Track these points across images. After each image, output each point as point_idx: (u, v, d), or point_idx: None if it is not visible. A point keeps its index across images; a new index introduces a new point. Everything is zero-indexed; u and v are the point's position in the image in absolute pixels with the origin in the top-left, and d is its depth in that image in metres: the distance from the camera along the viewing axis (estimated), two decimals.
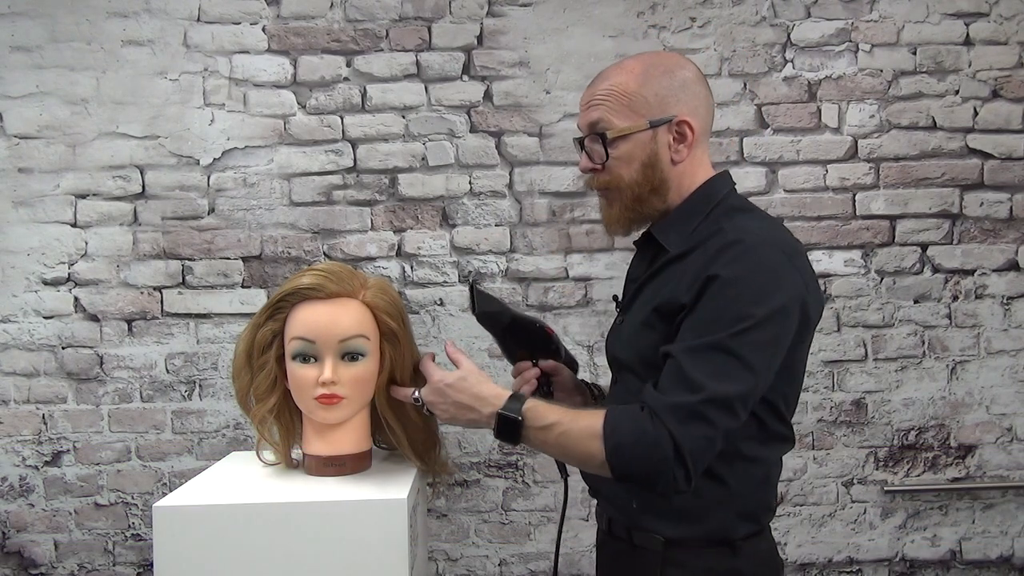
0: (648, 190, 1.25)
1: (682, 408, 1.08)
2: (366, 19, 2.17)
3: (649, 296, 1.25)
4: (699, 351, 1.10)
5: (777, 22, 2.19)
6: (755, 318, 1.10)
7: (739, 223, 1.21)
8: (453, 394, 1.25)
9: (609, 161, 1.26)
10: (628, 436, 1.10)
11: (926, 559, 2.20)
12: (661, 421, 1.08)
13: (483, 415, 1.22)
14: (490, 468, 2.19)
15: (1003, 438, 2.19)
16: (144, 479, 2.17)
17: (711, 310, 1.12)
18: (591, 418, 1.15)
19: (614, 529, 1.33)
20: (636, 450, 1.10)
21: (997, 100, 2.19)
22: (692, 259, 1.19)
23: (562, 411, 1.19)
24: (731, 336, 1.10)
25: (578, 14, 2.18)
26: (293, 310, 1.37)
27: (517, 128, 2.18)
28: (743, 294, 1.11)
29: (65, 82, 2.14)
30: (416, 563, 1.36)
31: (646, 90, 1.24)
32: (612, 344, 1.37)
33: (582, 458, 1.17)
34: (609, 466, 1.12)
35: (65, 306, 2.16)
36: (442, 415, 1.28)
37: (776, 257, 1.15)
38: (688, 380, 1.09)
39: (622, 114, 1.24)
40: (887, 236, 2.19)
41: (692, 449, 1.08)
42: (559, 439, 1.16)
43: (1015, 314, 2.19)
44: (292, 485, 1.38)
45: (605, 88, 1.25)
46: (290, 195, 2.18)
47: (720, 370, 1.09)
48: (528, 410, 1.18)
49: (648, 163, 1.25)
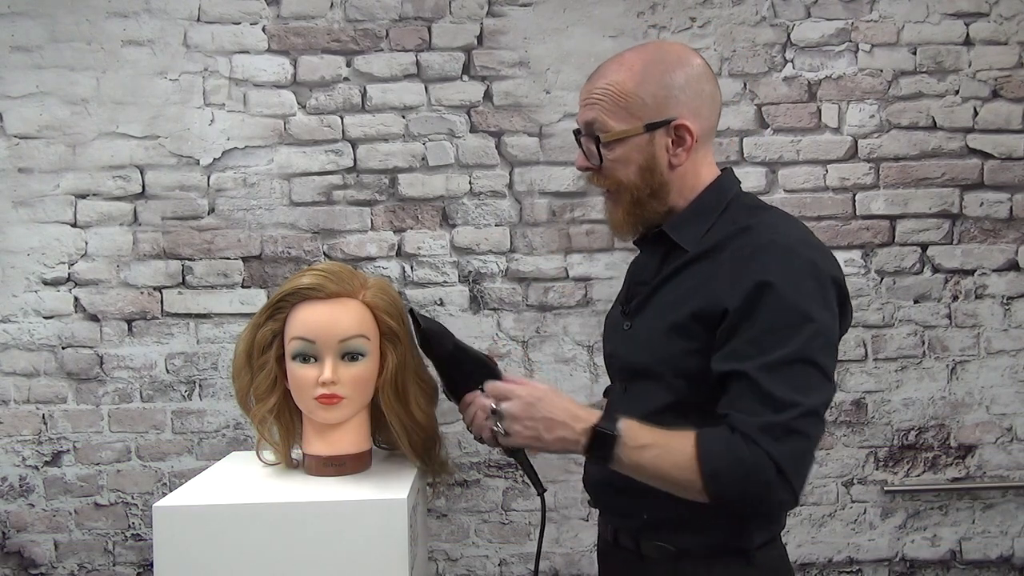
0: (647, 193, 1.22)
1: (776, 427, 1.05)
2: (366, 19, 2.17)
3: (670, 299, 1.21)
4: (777, 367, 1.07)
5: (777, 22, 2.19)
6: (817, 322, 1.09)
7: (765, 221, 1.18)
8: (544, 409, 1.15)
9: (605, 164, 1.22)
10: (725, 463, 1.07)
11: (926, 559, 2.20)
12: (756, 444, 1.05)
13: (576, 431, 1.13)
14: (490, 468, 2.19)
15: (1003, 438, 2.19)
16: (144, 479, 2.17)
17: (772, 320, 1.09)
18: (683, 442, 1.10)
19: (620, 539, 1.29)
20: (735, 476, 1.06)
21: (997, 100, 2.19)
22: (721, 260, 1.16)
23: (655, 432, 1.12)
24: (804, 346, 1.08)
25: (578, 14, 2.18)
26: (293, 310, 1.37)
27: (517, 128, 2.18)
28: (800, 299, 1.09)
29: (65, 82, 2.14)
30: (416, 563, 1.36)
31: (643, 91, 1.19)
32: (622, 350, 1.31)
33: (677, 483, 1.11)
34: (707, 493, 1.08)
35: (65, 306, 2.16)
36: (523, 432, 1.16)
37: (813, 255, 1.14)
38: (773, 398, 1.06)
39: (618, 116, 1.20)
40: (887, 236, 2.19)
41: (793, 467, 1.06)
42: (654, 461, 1.11)
43: (1015, 314, 2.19)
44: (292, 485, 1.38)
45: (602, 87, 1.21)
46: (290, 195, 2.18)
47: (803, 383, 1.08)
48: (625, 428, 1.11)
49: (646, 167, 1.21)
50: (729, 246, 1.16)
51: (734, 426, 1.08)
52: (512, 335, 2.18)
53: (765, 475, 1.05)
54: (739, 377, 1.09)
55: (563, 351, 2.18)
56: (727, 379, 1.11)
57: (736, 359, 1.10)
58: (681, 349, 1.17)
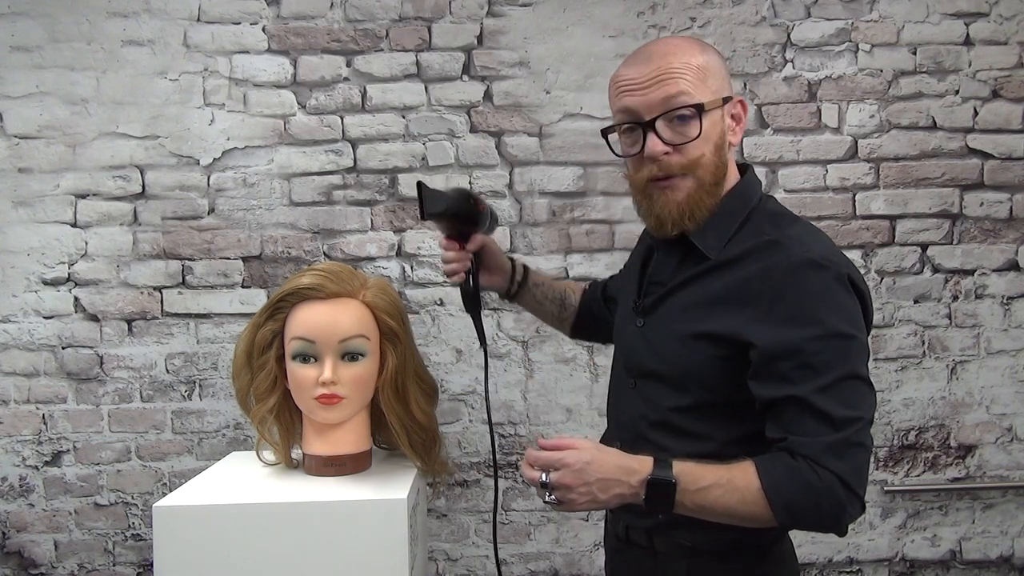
0: (712, 181, 1.20)
1: (837, 445, 1.08)
2: (366, 19, 2.17)
3: (689, 305, 1.20)
4: (830, 388, 1.09)
5: (777, 22, 2.19)
6: (858, 337, 1.12)
7: (792, 235, 1.18)
8: (596, 471, 1.11)
9: (694, 140, 1.16)
10: (797, 493, 1.08)
11: (926, 559, 2.20)
12: (822, 467, 1.07)
13: (632, 485, 1.11)
14: (490, 468, 2.19)
15: (1003, 438, 2.19)
16: (144, 479, 2.17)
17: (821, 346, 1.10)
18: (744, 475, 1.10)
19: (632, 536, 1.29)
20: (808, 504, 1.08)
21: (997, 100, 2.19)
22: (750, 275, 1.15)
23: (710, 469, 1.11)
24: (851, 363, 1.10)
25: (578, 14, 2.18)
26: (293, 310, 1.37)
27: (517, 128, 2.18)
28: (841, 320, 1.11)
29: (65, 82, 2.14)
30: (416, 563, 1.36)
31: (711, 65, 1.18)
32: (634, 347, 1.29)
33: (745, 518, 1.11)
34: (779, 523, 1.10)
35: (65, 306, 2.16)
36: (578, 499, 1.11)
37: (844, 267, 1.14)
38: (832, 417, 1.08)
39: (701, 88, 1.16)
40: (887, 236, 2.19)
41: (857, 480, 1.08)
42: (719, 500, 1.10)
43: (1015, 314, 2.19)
44: (292, 485, 1.38)
45: (674, 63, 1.16)
46: (290, 195, 2.18)
47: (856, 398, 1.10)
48: (681, 473, 1.10)
49: (720, 143, 1.19)
50: (757, 259, 1.16)
51: (794, 450, 1.09)
52: (512, 335, 2.18)
53: (836, 496, 1.07)
54: (794, 402, 1.10)
55: (563, 351, 2.18)
56: (778, 404, 1.11)
57: (787, 384, 1.10)
58: (703, 357, 1.17)
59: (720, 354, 1.16)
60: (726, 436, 1.19)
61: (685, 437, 1.21)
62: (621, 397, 1.33)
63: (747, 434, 1.17)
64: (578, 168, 2.17)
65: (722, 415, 1.19)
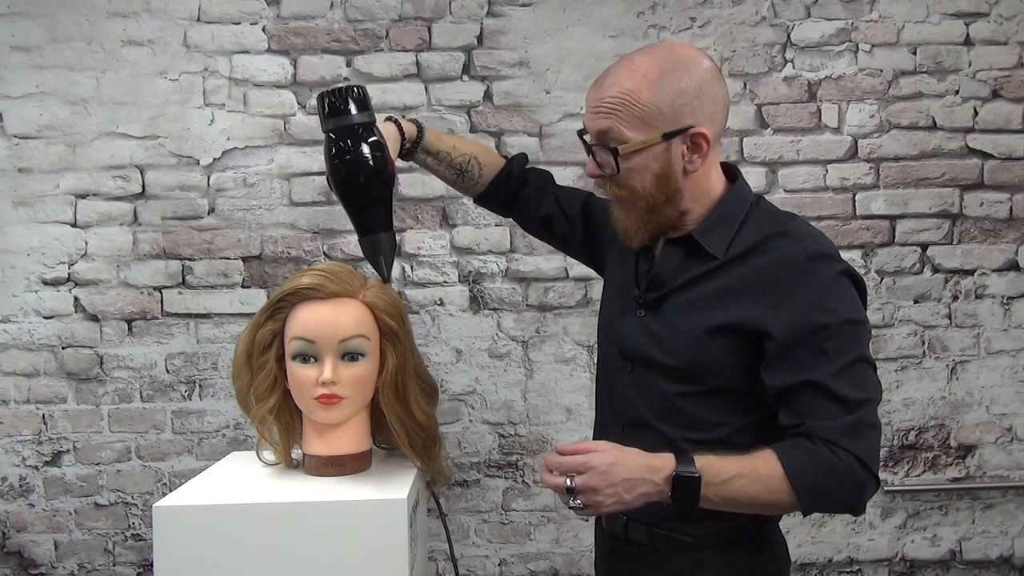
0: (662, 201, 1.21)
1: (853, 426, 1.11)
2: (366, 19, 2.17)
3: (700, 303, 1.21)
4: (844, 372, 1.13)
5: (777, 22, 2.19)
6: (865, 323, 1.17)
7: (798, 228, 1.23)
8: (620, 471, 1.10)
9: (620, 173, 1.20)
10: (821, 477, 1.11)
11: (926, 559, 2.20)
12: (842, 448, 1.10)
13: (656, 483, 1.10)
14: (490, 468, 2.19)
15: (1003, 438, 2.19)
16: (144, 479, 2.17)
17: (834, 333, 1.14)
18: (766, 463, 1.12)
19: (631, 534, 1.29)
20: (830, 486, 1.11)
21: (997, 100, 2.19)
22: (761, 267, 1.18)
23: (732, 460, 1.12)
24: (861, 347, 1.15)
25: (578, 14, 2.18)
26: (293, 310, 1.37)
27: (517, 128, 2.18)
28: (851, 308, 1.16)
29: (65, 82, 2.14)
30: (416, 563, 1.36)
31: (659, 99, 1.16)
32: (632, 336, 1.29)
33: (770, 506, 1.14)
34: (803, 507, 1.12)
35: (65, 306, 2.16)
36: (605, 501, 1.10)
37: (844, 264, 1.19)
38: (846, 400, 1.12)
39: (634, 126, 1.17)
40: (887, 236, 2.19)
41: (872, 458, 1.12)
42: (744, 490, 1.11)
43: (1015, 314, 2.19)
44: (292, 485, 1.38)
45: (615, 95, 1.17)
46: (290, 195, 2.18)
47: (865, 380, 1.15)
48: (704, 467, 1.10)
49: (661, 175, 1.20)
50: (767, 251, 1.19)
51: (812, 434, 1.12)
52: (512, 335, 2.18)
53: (856, 476, 1.10)
54: (809, 386, 1.13)
55: (563, 351, 2.18)
56: (794, 390, 1.14)
57: (804, 370, 1.13)
58: (717, 350, 1.19)
59: (735, 344, 1.18)
60: (736, 424, 1.21)
61: (690, 423, 1.22)
62: (616, 381, 1.33)
63: (754, 422, 1.20)
64: (578, 168, 2.16)
65: (728, 403, 1.21)
